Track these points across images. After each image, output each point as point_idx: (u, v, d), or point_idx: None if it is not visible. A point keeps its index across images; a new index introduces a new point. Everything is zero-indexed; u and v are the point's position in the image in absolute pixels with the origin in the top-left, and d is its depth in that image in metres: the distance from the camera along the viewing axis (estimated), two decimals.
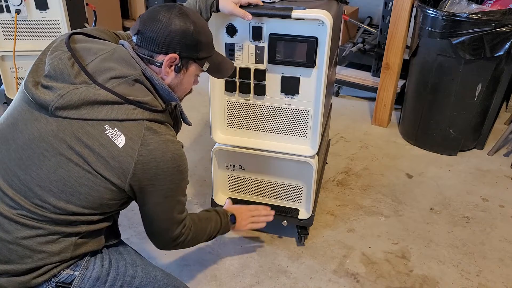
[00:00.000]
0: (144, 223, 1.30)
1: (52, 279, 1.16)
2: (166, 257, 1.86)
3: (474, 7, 2.36)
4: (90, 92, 1.09)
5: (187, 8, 1.22)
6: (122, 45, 1.21)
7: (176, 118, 1.28)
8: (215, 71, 1.35)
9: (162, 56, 1.18)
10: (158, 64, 1.19)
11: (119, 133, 1.10)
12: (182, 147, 1.22)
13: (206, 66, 1.27)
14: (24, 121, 1.12)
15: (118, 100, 1.10)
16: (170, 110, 1.24)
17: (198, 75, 1.31)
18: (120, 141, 1.10)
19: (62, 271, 1.16)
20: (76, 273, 1.18)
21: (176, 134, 1.29)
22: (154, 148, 1.13)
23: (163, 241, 1.33)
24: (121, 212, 1.32)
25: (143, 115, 1.13)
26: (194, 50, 1.21)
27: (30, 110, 1.12)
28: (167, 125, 1.20)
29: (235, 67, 1.61)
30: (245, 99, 1.68)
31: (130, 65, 1.16)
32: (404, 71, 2.71)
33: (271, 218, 1.75)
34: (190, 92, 1.34)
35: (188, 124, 1.32)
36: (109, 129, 1.10)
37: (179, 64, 1.21)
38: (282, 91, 1.63)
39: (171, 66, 1.20)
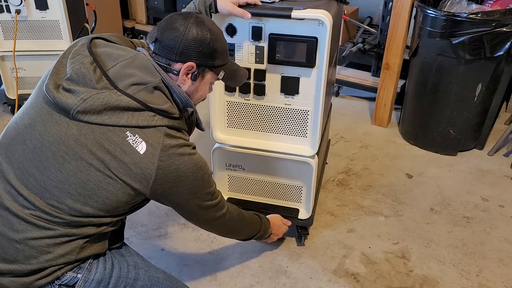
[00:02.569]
0: (188, 219, 1.37)
1: (55, 281, 1.16)
2: (166, 258, 1.86)
3: (474, 7, 2.36)
4: (113, 98, 1.10)
5: (203, 16, 1.23)
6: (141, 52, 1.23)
7: (191, 124, 1.31)
8: (229, 79, 1.37)
9: (180, 64, 1.20)
10: (175, 72, 1.20)
11: (140, 139, 1.12)
12: (194, 148, 1.24)
13: (221, 74, 1.29)
14: (43, 122, 1.13)
15: (139, 107, 1.12)
16: (186, 117, 1.26)
17: (212, 83, 1.33)
18: (142, 147, 1.12)
19: (65, 274, 1.17)
20: (79, 275, 1.18)
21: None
22: (172, 153, 1.15)
23: (214, 225, 1.44)
24: None
25: (163, 121, 1.15)
26: (210, 58, 1.22)
27: (50, 112, 1.12)
28: (183, 131, 1.23)
29: None
30: (245, 99, 1.68)
31: (150, 72, 1.17)
32: (404, 71, 2.71)
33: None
34: (204, 99, 1.36)
35: (202, 130, 1.36)
36: (131, 136, 1.11)
37: (196, 72, 1.23)
38: (282, 91, 1.63)
39: (188, 74, 1.22)
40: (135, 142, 1.11)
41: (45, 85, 1.13)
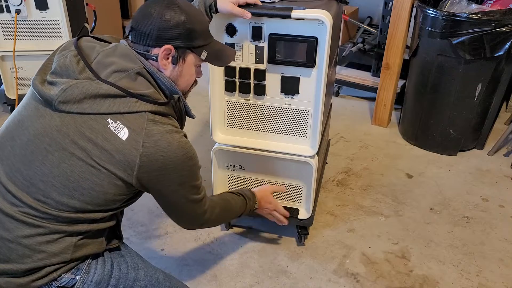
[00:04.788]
0: (167, 213, 1.31)
1: (53, 283, 1.15)
2: (166, 258, 1.86)
3: (474, 7, 2.36)
4: (92, 86, 1.10)
5: None
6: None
7: (180, 111, 1.27)
8: (215, 59, 1.32)
9: (157, 49, 1.18)
10: (154, 57, 1.18)
11: (122, 126, 1.10)
12: (186, 136, 1.21)
13: (204, 54, 1.25)
14: (29, 118, 1.13)
15: (120, 94, 1.11)
16: (173, 103, 1.23)
17: (199, 66, 1.30)
18: (124, 134, 1.10)
19: (63, 275, 1.16)
20: (77, 277, 1.17)
21: (182, 128, 1.28)
22: (158, 139, 1.12)
23: (191, 222, 1.36)
24: None
25: (146, 107, 1.13)
26: (189, 39, 1.20)
27: (37, 107, 1.13)
28: (169, 117, 1.20)
29: (235, 67, 1.61)
30: (245, 99, 1.68)
31: (131, 59, 1.16)
32: (404, 71, 2.71)
33: (284, 223, 1.77)
34: (194, 84, 1.33)
35: (192, 117, 1.31)
36: (112, 123, 1.10)
37: (176, 55, 1.20)
38: (282, 91, 1.63)
39: (168, 58, 1.19)
40: (117, 129, 1.10)
41: (32, 81, 1.14)
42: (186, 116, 1.32)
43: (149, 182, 1.16)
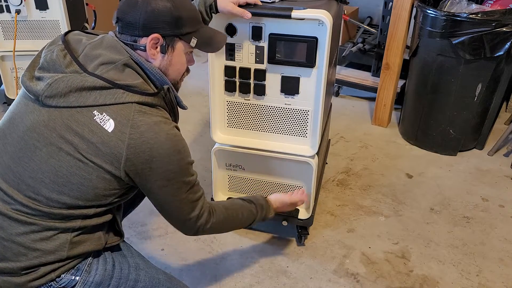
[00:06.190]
0: (159, 211, 1.25)
1: (52, 283, 1.15)
2: (166, 258, 1.86)
3: (474, 7, 2.36)
4: (77, 79, 1.08)
5: None
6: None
7: (171, 103, 1.24)
8: (205, 46, 1.29)
9: (145, 39, 1.16)
10: (142, 47, 1.16)
11: (107, 117, 1.08)
12: (178, 128, 1.18)
13: (194, 41, 1.23)
14: (20, 115, 1.13)
15: (106, 85, 1.09)
16: (163, 95, 1.20)
17: (190, 53, 1.27)
18: (109, 125, 1.08)
19: (62, 276, 1.15)
20: (77, 278, 1.17)
21: (175, 122, 1.25)
22: (145, 130, 1.10)
23: (185, 225, 1.26)
24: None
25: (133, 98, 1.10)
26: (176, 26, 1.17)
27: (26, 103, 1.13)
28: (159, 108, 1.17)
29: (235, 67, 1.61)
30: (245, 99, 1.68)
31: (117, 51, 1.14)
32: (404, 71, 2.71)
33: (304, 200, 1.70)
34: (187, 73, 1.30)
35: (183, 108, 1.28)
36: (98, 115, 1.08)
37: (164, 44, 1.18)
38: (282, 91, 1.63)
39: (156, 47, 1.17)
40: (103, 121, 1.08)
41: (21, 78, 1.13)
42: (180, 109, 1.29)
43: (137, 176, 1.13)
